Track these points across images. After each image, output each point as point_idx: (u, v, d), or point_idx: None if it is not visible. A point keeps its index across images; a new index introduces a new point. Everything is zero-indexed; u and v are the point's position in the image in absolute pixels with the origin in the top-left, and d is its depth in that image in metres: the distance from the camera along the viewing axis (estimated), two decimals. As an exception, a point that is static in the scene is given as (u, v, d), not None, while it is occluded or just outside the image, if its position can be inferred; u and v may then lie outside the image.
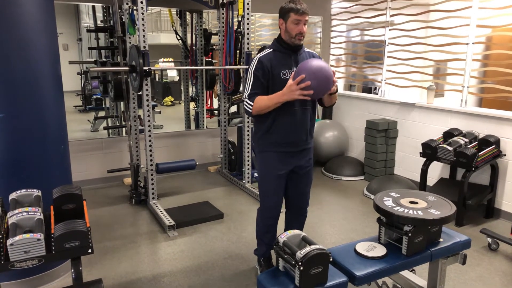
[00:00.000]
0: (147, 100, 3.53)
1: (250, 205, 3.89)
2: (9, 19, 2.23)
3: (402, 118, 4.49)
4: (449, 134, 3.77)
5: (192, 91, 5.66)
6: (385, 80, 4.79)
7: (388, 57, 4.72)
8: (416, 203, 2.06)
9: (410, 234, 1.90)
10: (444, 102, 4.33)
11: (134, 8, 3.49)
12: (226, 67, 4.21)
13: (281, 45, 2.33)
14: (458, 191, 3.41)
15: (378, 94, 4.97)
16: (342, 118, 5.36)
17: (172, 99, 8.41)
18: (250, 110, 2.27)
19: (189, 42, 5.07)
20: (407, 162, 4.48)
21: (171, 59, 7.15)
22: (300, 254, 1.65)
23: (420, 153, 3.78)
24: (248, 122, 4.13)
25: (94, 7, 5.21)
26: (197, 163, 4.18)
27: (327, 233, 3.35)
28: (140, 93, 3.57)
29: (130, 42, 3.73)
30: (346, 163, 4.86)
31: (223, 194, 4.24)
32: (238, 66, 4.16)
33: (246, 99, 2.28)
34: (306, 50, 2.39)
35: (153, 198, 3.79)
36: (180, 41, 5.10)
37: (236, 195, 4.17)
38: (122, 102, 4.31)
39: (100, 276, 2.63)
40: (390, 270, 1.91)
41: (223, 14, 4.27)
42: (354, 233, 3.34)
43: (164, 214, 3.48)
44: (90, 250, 1.69)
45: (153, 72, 3.42)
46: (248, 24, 4.00)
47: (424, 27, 4.34)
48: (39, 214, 1.73)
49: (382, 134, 4.50)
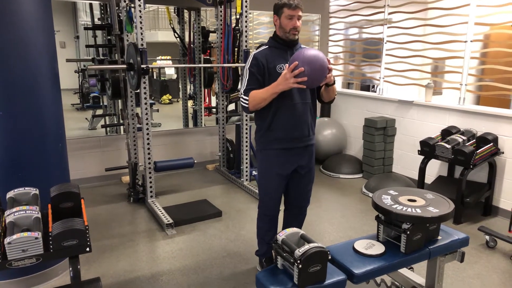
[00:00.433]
0: (145, 98, 3.53)
1: (248, 203, 3.89)
2: (6, 17, 2.22)
3: (400, 116, 4.49)
4: (447, 132, 3.78)
5: (190, 89, 5.66)
6: (383, 78, 4.79)
7: (386, 55, 4.72)
8: (414, 201, 2.07)
9: (408, 232, 1.91)
10: (442, 100, 4.33)
11: (132, 5, 3.48)
12: (224, 65, 4.20)
13: (276, 41, 2.34)
14: (456, 189, 3.42)
15: (376, 92, 4.97)
16: (340, 116, 5.36)
17: (170, 97, 8.41)
18: (246, 105, 2.27)
19: (187, 40, 5.06)
20: (405, 160, 4.49)
21: (169, 57, 7.15)
22: (298, 252, 1.65)
23: (418, 151, 3.79)
24: (246, 120, 4.13)
25: (91, 5, 5.19)
26: (195, 161, 4.18)
27: (326, 231, 3.36)
28: (138, 91, 3.56)
29: (128, 40, 3.71)
30: (345, 161, 4.87)
31: (222, 192, 4.24)
32: (236, 64, 4.16)
33: (242, 95, 2.29)
34: (302, 46, 2.38)
35: (151, 197, 3.78)
36: (178, 39, 5.09)
37: (234, 193, 4.17)
38: (120, 100, 4.30)
39: (98, 274, 2.63)
40: (389, 268, 1.91)
41: (221, 11, 4.26)
42: (352, 231, 3.35)
43: (162, 212, 3.48)
44: (88, 249, 1.69)
45: (151, 70, 3.40)
46: (246, 22, 3.99)
47: (422, 25, 4.34)
48: (37, 212, 1.72)
49: (380, 132, 4.51)
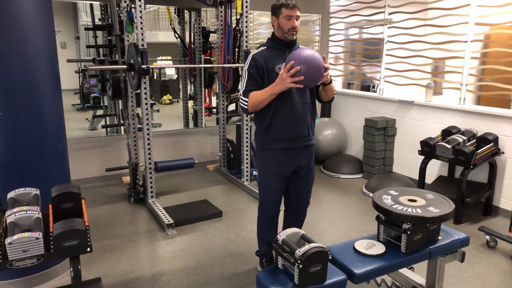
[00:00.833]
0: (146, 98, 3.53)
1: (249, 203, 3.89)
2: (7, 18, 2.22)
3: (401, 116, 4.49)
4: (447, 132, 3.78)
5: (190, 90, 5.66)
6: (383, 78, 4.79)
7: (386, 55, 4.72)
8: (414, 201, 2.07)
9: (409, 232, 1.91)
10: (442, 100, 4.33)
11: (132, 6, 3.48)
12: (225, 65, 4.21)
13: (275, 42, 2.34)
14: (456, 189, 3.41)
15: (376, 92, 4.97)
16: (341, 116, 5.36)
17: (170, 98, 8.42)
18: (246, 107, 2.27)
19: (187, 40, 5.06)
20: (406, 160, 4.48)
21: (170, 57, 7.16)
22: (299, 252, 1.65)
23: (418, 151, 3.79)
24: (246, 120, 4.13)
25: (92, 5, 5.19)
26: (195, 162, 4.17)
27: (326, 231, 3.36)
28: (138, 91, 3.56)
29: (128, 40, 3.72)
30: (345, 161, 4.87)
31: (222, 192, 4.24)
32: (237, 64, 4.16)
33: (241, 96, 2.28)
34: (300, 47, 2.38)
35: (151, 197, 3.78)
36: (178, 39, 5.09)
37: (234, 193, 4.17)
38: (120, 101, 4.31)
39: (99, 274, 2.63)
40: (389, 268, 1.91)
41: (222, 12, 4.26)
42: (353, 231, 3.35)
43: (163, 213, 3.48)
44: (88, 249, 1.69)
45: (151, 70, 3.41)
46: (246, 22, 4.00)
47: (422, 25, 4.34)
48: (38, 213, 1.72)
49: (380, 132, 4.51)
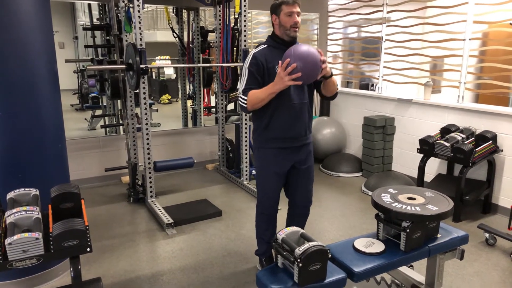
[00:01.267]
0: (144, 98, 3.53)
1: (248, 202, 3.89)
2: (5, 18, 2.22)
3: (400, 114, 4.50)
4: (446, 130, 3.78)
5: (189, 89, 5.66)
6: (382, 76, 4.79)
7: (385, 53, 4.72)
8: (414, 199, 2.07)
9: (408, 230, 1.91)
10: (441, 98, 4.33)
11: (131, 5, 3.48)
12: (223, 65, 4.20)
13: (275, 40, 2.34)
14: (455, 187, 3.42)
15: (375, 90, 4.98)
16: (340, 115, 5.36)
17: (169, 97, 8.40)
18: (245, 105, 2.26)
19: (185, 39, 5.06)
20: (405, 158, 4.49)
21: (168, 57, 7.14)
22: (299, 250, 1.65)
23: (417, 149, 3.79)
24: (245, 119, 4.13)
25: (90, 5, 5.18)
26: (195, 161, 4.17)
27: (326, 229, 3.36)
28: (137, 91, 3.56)
29: (127, 40, 3.71)
30: (344, 160, 4.87)
31: (221, 191, 4.24)
32: (235, 64, 4.16)
33: (241, 95, 2.27)
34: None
35: (151, 196, 3.78)
36: (176, 38, 5.09)
37: (234, 193, 4.17)
38: (119, 101, 4.30)
39: (99, 274, 2.63)
40: (389, 266, 1.92)
41: (220, 11, 4.26)
42: (352, 229, 3.35)
43: (162, 212, 3.48)
44: (88, 249, 1.69)
45: (150, 70, 3.40)
46: (245, 21, 3.99)
47: (421, 24, 4.34)
48: (37, 213, 1.72)
49: (379, 131, 4.51)
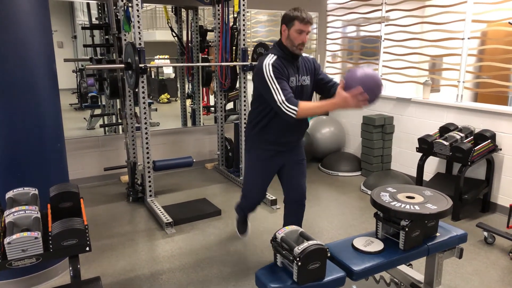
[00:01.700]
0: (143, 97, 3.52)
1: (247, 201, 3.89)
2: (4, 18, 2.22)
3: (399, 113, 4.50)
4: (445, 129, 3.78)
5: (188, 88, 5.65)
6: (381, 75, 4.79)
7: (384, 52, 4.73)
8: (413, 198, 2.07)
9: (407, 229, 1.92)
10: (440, 97, 4.34)
11: (129, 5, 3.47)
12: (222, 64, 4.20)
13: (283, 51, 2.26)
14: (454, 186, 3.42)
15: (374, 89, 4.97)
16: (339, 114, 5.36)
17: (168, 96, 8.39)
18: (294, 115, 2.11)
19: (184, 39, 5.05)
20: (404, 157, 4.50)
21: (167, 56, 7.13)
22: (298, 249, 1.65)
23: (416, 148, 3.80)
24: (244, 119, 4.13)
25: (88, 4, 5.17)
26: (194, 160, 4.17)
27: (325, 228, 3.36)
28: (136, 90, 3.55)
29: (126, 40, 3.71)
30: (343, 159, 4.88)
31: (221, 191, 4.24)
32: (235, 63, 4.15)
33: (286, 104, 2.10)
34: (304, 55, 2.37)
35: (150, 196, 3.78)
36: (175, 38, 5.08)
37: (233, 192, 4.17)
38: (118, 100, 4.29)
39: (98, 274, 2.63)
40: (388, 264, 1.92)
41: (219, 10, 4.26)
42: (351, 228, 3.36)
43: (161, 211, 3.48)
44: (87, 248, 1.69)
45: (149, 69, 3.40)
46: (244, 20, 3.99)
47: (419, 23, 4.34)
48: (36, 212, 1.72)
49: (378, 130, 4.51)
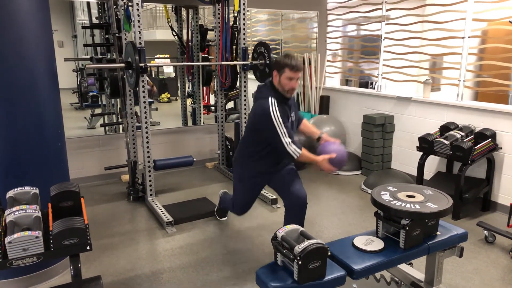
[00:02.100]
0: (144, 96, 3.52)
1: (248, 200, 3.89)
2: (4, 17, 2.22)
3: (399, 112, 4.50)
4: (445, 128, 3.78)
5: (188, 88, 5.65)
6: (381, 74, 4.79)
7: (384, 51, 4.72)
8: (413, 197, 2.08)
9: (407, 228, 1.92)
10: (440, 96, 4.34)
11: (130, 4, 3.47)
12: (223, 63, 4.20)
13: (276, 93, 2.46)
14: (454, 185, 3.42)
15: (374, 88, 4.98)
16: (339, 113, 5.36)
17: (168, 96, 8.39)
18: (296, 156, 2.44)
19: (185, 38, 5.05)
20: (404, 156, 4.49)
21: (167, 56, 7.13)
22: (298, 248, 1.65)
23: (417, 147, 3.80)
24: (245, 118, 4.13)
25: (89, 4, 5.17)
26: (194, 160, 4.17)
27: (325, 227, 3.37)
28: (136, 89, 3.56)
29: (126, 39, 3.71)
30: (343, 158, 4.87)
31: (221, 190, 4.22)
32: (235, 62, 4.15)
33: (292, 146, 2.42)
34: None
35: (151, 195, 3.78)
36: (176, 37, 5.08)
37: (234, 191, 4.17)
38: (118, 99, 4.30)
39: (98, 273, 2.63)
40: (388, 263, 1.92)
41: (219, 9, 4.25)
42: (352, 227, 3.36)
43: (162, 211, 3.48)
44: (88, 247, 1.69)
45: (149, 68, 3.40)
46: (244, 19, 3.99)
47: (420, 21, 4.34)
48: (37, 211, 1.72)
49: (379, 129, 4.51)
